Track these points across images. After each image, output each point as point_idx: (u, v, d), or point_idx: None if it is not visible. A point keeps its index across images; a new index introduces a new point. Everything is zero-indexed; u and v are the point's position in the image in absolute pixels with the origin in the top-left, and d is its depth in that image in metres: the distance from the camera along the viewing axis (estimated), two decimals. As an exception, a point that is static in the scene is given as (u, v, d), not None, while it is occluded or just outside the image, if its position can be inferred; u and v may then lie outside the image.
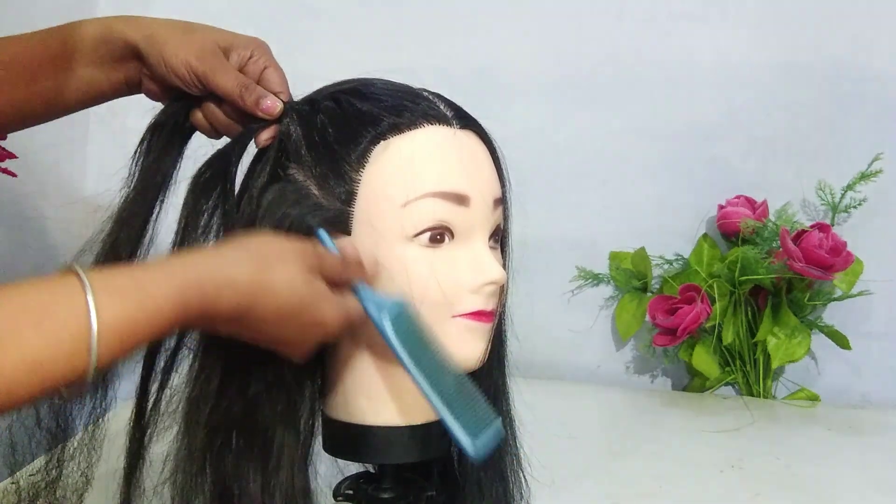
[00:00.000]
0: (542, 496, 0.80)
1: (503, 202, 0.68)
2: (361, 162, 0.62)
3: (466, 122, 0.66)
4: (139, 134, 0.69)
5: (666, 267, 1.31)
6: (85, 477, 0.69)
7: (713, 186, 1.30)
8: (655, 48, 1.30)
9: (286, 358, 0.60)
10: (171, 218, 0.67)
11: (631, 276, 1.31)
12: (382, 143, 0.63)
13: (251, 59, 0.68)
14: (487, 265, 0.64)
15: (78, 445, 0.68)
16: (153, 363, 0.67)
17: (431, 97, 0.66)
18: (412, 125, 0.63)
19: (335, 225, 0.63)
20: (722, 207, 1.28)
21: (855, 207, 1.25)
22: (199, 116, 0.69)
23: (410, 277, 0.62)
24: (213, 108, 0.68)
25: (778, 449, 1.05)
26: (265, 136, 0.66)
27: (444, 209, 0.62)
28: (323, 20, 1.34)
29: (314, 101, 0.66)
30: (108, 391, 0.67)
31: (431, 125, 0.64)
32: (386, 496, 0.70)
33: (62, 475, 0.68)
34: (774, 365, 1.23)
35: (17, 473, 0.70)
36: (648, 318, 1.26)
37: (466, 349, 0.63)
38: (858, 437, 1.11)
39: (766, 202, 1.27)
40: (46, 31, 0.70)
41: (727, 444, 1.06)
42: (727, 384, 1.29)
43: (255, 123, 0.66)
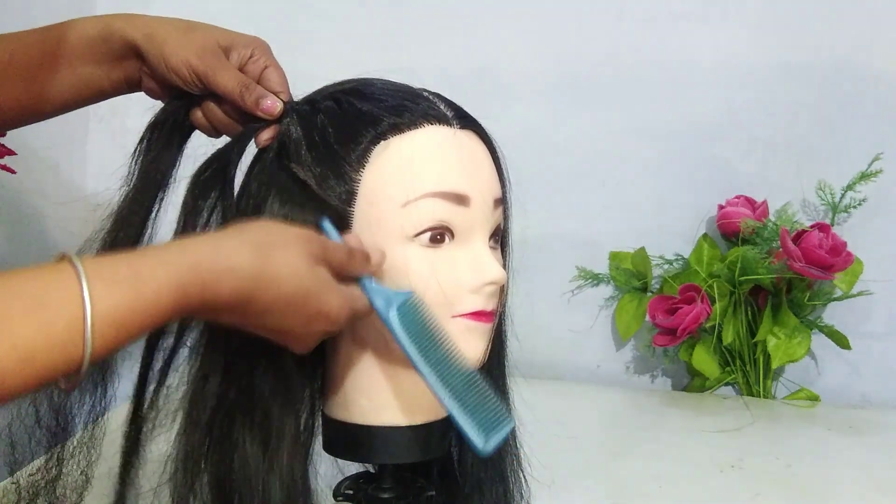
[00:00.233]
0: (542, 496, 0.80)
1: (503, 202, 0.68)
2: (361, 162, 0.62)
3: (466, 122, 0.66)
4: (139, 133, 0.69)
5: (666, 267, 1.31)
6: (85, 475, 0.68)
7: (713, 186, 1.30)
8: (655, 48, 1.30)
9: (289, 351, 0.59)
10: (170, 216, 0.67)
11: (631, 276, 1.31)
12: (383, 143, 0.63)
13: (251, 58, 0.68)
14: (487, 265, 0.64)
15: (77, 444, 0.68)
16: (150, 363, 0.67)
17: (432, 97, 0.66)
18: (412, 125, 0.63)
19: (335, 225, 0.63)
20: (722, 207, 1.28)
21: (855, 207, 1.25)
22: (198, 115, 0.69)
23: (411, 277, 0.62)
24: (212, 107, 0.68)
25: (778, 449, 1.05)
26: (265, 136, 0.66)
27: (444, 209, 0.62)
28: (323, 20, 1.34)
29: (314, 101, 0.66)
30: (107, 390, 0.67)
31: (432, 125, 0.64)
32: (386, 496, 0.70)
33: (62, 474, 0.68)
34: (774, 365, 1.23)
35: (17, 473, 0.70)
36: (648, 318, 1.26)
37: (466, 349, 0.63)
38: (858, 437, 1.11)
39: (766, 202, 1.27)
40: (45, 28, 0.69)
41: (727, 444, 1.06)
42: (727, 384, 1.29)
43: (255, 123, 0.66)
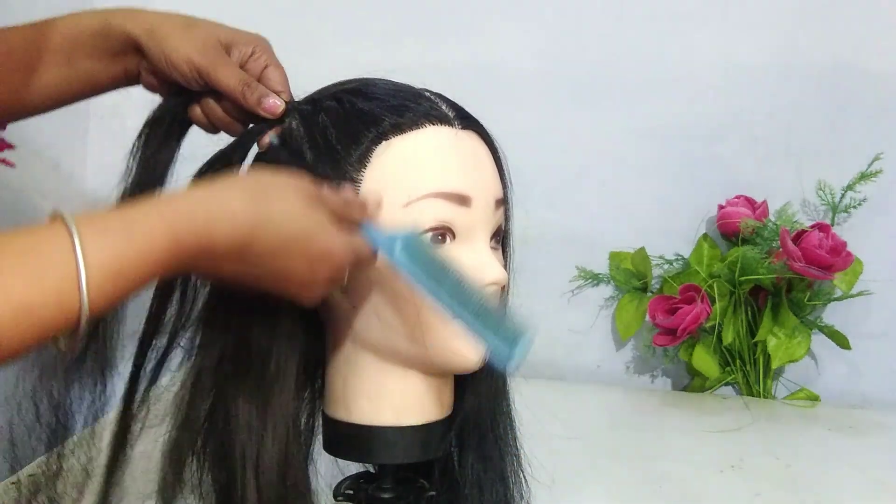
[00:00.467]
0: (542, 496, 0.80)
1: (504, 202, 0.68)
2: (363, 162, 0.62)
3: (468, 122, 0.66)
4: (138, 130, 0.68)
5: (666, 267, 1.31)
6: (85, 472, 0.68)
7: (713, 186, 1.30)
8: (655, 48, 1.29)
9: (297, 305, 0.59)
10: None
11: (631, 276, 1.31)
12: (384, 143, 0.62)
13: (252, 56, 0.68)
14: (488, 265, 0.64)
15: (78, 441, 0.68)
16: (142, 364, 0.66)
17: (433, 97, 0.66)
18: (414, 125, 0.63)
19: None
20: (722, 207, 1.28)
21: (855, 207, 1.25)
22: (197, 112, 0.68)
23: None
24: (211, 104, 0.68)
25: (778, 449, 1.05)
26: (268, 138, 0.66)
27: (445, 209, 0.62)
28: (323, 20, 1.34)
29: (316, 100, 0.66)
30: (107, 386, 0.67)
31: (433, 125, 0.64)
32: (386, 496, 0.70)
33: (62, 470, 0.68)
34: (774, 365, 1.23)
35: (17, 472, 0.70)
36: (648, 318, 1.26)
37: (467, 349, 0.63)
38: (858, 437, 1.11)
39: (766, 202, 1.27)
40: (44, 22, 0.69)
41: (727, 444, 1.06)
42: (727, 384, 1.29)
43: (256, 123, 0.66)
